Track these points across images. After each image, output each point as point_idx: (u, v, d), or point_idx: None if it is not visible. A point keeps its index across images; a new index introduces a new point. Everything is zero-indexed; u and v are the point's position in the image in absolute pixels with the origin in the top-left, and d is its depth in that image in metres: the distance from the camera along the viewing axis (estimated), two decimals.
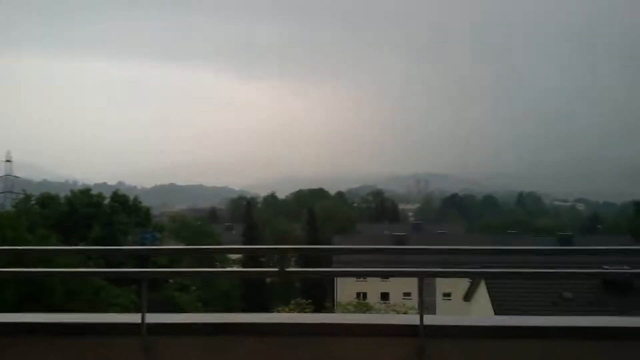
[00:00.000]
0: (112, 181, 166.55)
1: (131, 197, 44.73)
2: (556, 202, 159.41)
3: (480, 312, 27.24)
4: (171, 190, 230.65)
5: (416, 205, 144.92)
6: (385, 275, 4.39)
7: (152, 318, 3.48)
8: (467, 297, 30.91)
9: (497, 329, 3.54)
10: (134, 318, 3.50)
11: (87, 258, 23.03)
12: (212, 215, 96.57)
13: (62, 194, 44.00)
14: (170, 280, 37.13)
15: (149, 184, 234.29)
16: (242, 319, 3.72)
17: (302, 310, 23.10)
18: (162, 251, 12.47)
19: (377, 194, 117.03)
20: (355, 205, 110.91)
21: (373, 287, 42.86)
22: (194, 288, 40.88)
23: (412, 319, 3.47)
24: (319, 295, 44.37)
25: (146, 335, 3.36)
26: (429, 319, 3.45)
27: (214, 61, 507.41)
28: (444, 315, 24.44)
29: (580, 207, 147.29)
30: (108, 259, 26.13)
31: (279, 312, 22.72)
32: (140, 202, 44.67)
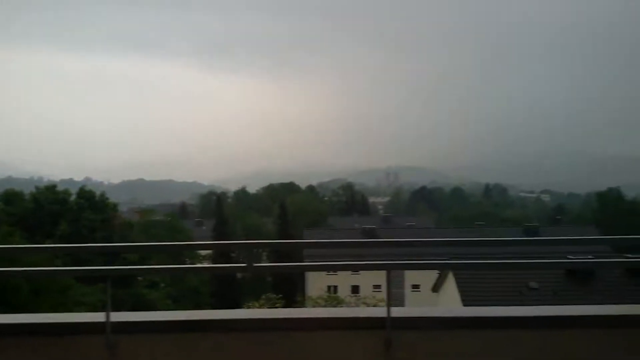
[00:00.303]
0: (78, 177, 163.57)
1: (98, 193, 43.90)
2: (522, 194, 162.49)
3: (448, 303, 27.69)
4: (140, 185, 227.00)
5: (386, 198, 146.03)
6: (353, 269, 4.50)
7: (118, 316, 3.43)
8: (436, 288, 31.38)
9: (463, 319, 3.59)
10: (98, 317, 3.40)
11: (53, 256, 22.59)
12: (182, 210, 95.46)
13: (27, 191, 42.98)
14: (140, 278, 36.68)
15: (117, 179, 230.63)
16: (210, 316, 3.62)
17: (272, 305, 23.11)
18: (130, 248, 12.23)
19: (348, 188, 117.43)
20: (326, 198, 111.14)
21: (344, 280, 43.11)
22: (163, 285, 40.46)
23: (380, 311, 3.46)
24: (290, 289, 44.43)
25: (111, 333, 3.30)
26: (396, 311, 3.48)
27: (185, 56, 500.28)
28: (411, 307, 24.74)
29: (546, 198, 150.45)
30: (75, 257, 25.73)
31: (249, 307, 22.68)
32: (107, 199, 43.90)
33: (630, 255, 15.43)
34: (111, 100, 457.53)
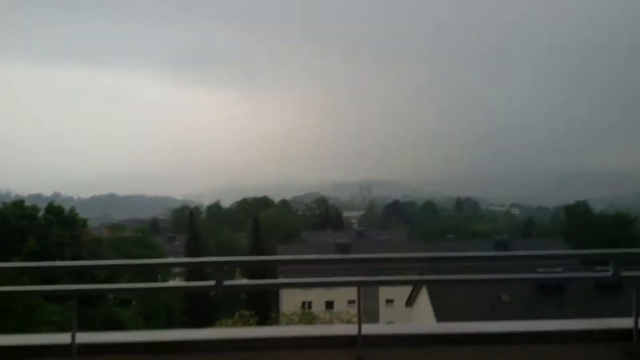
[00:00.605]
0: (47, 192, 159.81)
1: (67, 208, 43.03)
2: (492, 207, 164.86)
3: (422, 317, 27.83)
4: (110, 200, 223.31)
5: (360, 212, 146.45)
6: (324, 286, 4.53)
7: (85, 337, 3.37)
8: (409, 302, 31.53)
9: (433, 336, 3.64)
10: (64, 338, 3.34)
11: (20, 274, 22.01)
12: (154, 226, 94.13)
13: None
14: (110, 296, 35.99)
15: (86, 194, 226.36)
16: (177, 336, 3.61)
17: (246, 322, 22.88)
18: (99, 266, 11.81)
19: (321, 202, 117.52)
20: (299, 213, 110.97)
21: (318, 296, 42.95)
22: (134, 303, 39.74)
23: (351, 329, 3.51)
24: (264, 305, 44.08)
25: (77, 355, 3.24)
26: (367, 329, 3.52)
27: (155, 68, 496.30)
28: (382, 325, 24.76)
29: (515, 211, 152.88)
30: (43, 274, 25.08)
31: (222, 324, 22.41)
32: (77, 214, 43.05)
33: (599, 268, 15.80)
34: (80, 113, 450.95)
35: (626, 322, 3.58)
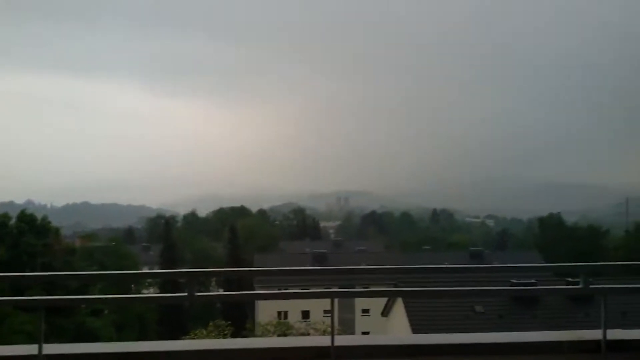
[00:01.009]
0: (20, 199, 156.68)
1: (40, 216, 42.23)
2: (468, 219, 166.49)
3: (397, 327, 27.91)
4: (84, 209, 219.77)
5: (337, 223, 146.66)
6: (298, 297, 4.51)
7: (52, 349, 3.30)
8: (385, 312, 31.60)
9: (405, 347, 3.67)
10: (31, 349, 3.26)
11: None
12: (128, 235, 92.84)
13: None
14: (82, 305, 35.36)
15: (60, 202, 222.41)
16: (147, 347, 3.54)
17: (221, 332, 22.67)
18: (72, 277, 11.52)
19: (299, 212, 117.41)
20: (277, 222, 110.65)
21: (294, 305, 42.79)
22: (106, 312, 39.08)
23: (325, 340, 3.51)
24: (239, 315, 43.71)
25: None
26: (340, 340, 3.54)
27: (135, 78, 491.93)
28: (355, 336, 24.64)
29: (490, 223, 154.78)
30: (14, 284, 24.54)
31: (196, 335, 22.17)
32: (49, 222, 42.27)
33: (570, 280, 16.06)
34: (54, 121, 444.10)
35: (595, 334, 3.66)
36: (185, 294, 3.41)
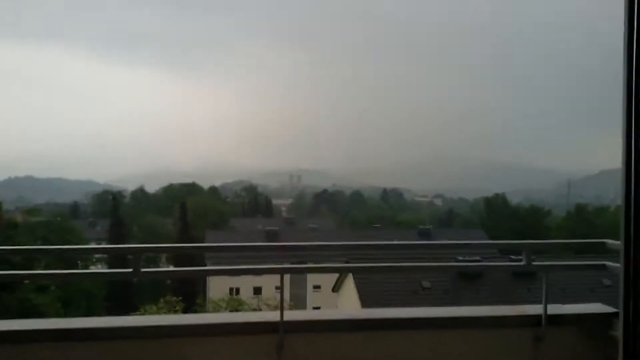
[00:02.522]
0: None
1: None
2: (417, 198, 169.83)
3: (348, 302, 28.48)
4: (28, 183, 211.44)
5: (289, 201, 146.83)
6: (248, 273, 4.51)
7: None
8: (336, 288, 32.18)
9: (353, 321, 3.77)
10: None
11: None
12: (74, 210, 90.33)
13: None
14: (26, 281, 34.38)
15: (1, 176, 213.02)
16: (92, 324, 3.48)
17: (171, 308, 22.56)
18: (15, 251, 11.09)
19: (251, 189, 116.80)
20: (228, 200, 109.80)
21: (246, 282, 42.91)
22: (53, 288, 38.09)
23: (273, 315, 3.56)
24: (190, 291, 43.48)
25: None
26: (290, 315, 3.61)
27: (82, 47, 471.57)
28: (305, 311, 24.93)
29: (438, 202, 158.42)
30: None
31: (145, 311, 21.98)
32: None
33: (513, 257, 16.79)
34: None
35: (536, 309, 3.84)
36: (131, 270, 3.36)
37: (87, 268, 44.11)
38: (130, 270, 3.37)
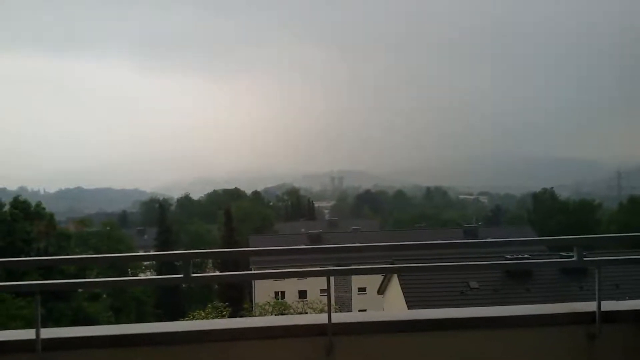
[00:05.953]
0: (12, 186, 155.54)
1: (34, 203, 42.10)
2: (461, 196, 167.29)
3: (393, 305, 28.20)
4: (78, 194, 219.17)
5: (331, 203, 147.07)
6: (294, 276, 4.51)
7: (49, 333, 3.26)
8: (381, 290, 31.91)
9: (402, 322, 3.69)
10: (29, 334, 3.23)
11: None
12: (123, 219, 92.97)
13: None
14: (79, 290, 35.55)
15: (53, 188, 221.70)
16: (145, 329, 3.52)
17: (219, 313, 22.83)
18: (67, 261, 11.49)
19: (293, 192, 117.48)
20: (271, 204, 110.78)
21: (291, 285, 43.12)
22: (104, 296, 39.26)
23: (321, 318, 3.51)
24: (237, 296, 43.98)
25: (41, 351, 3.14)
26: (337, 317, 3.57)
27: (125, 57, 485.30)
28: (353, 313, 24.81)
29: (484, 199, 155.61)
30: (8, 269, 24.54)
31: (194, 316, 22.31)
32: (43, 208, 42.18)
33: (563, 254, 16.27)
34: (45, 104, 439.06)
35: (589, 306, 3.68)
36: (182, 275, 3.39)
37: (136, 275, 45.30)
38: (182, 275, 3.39)
